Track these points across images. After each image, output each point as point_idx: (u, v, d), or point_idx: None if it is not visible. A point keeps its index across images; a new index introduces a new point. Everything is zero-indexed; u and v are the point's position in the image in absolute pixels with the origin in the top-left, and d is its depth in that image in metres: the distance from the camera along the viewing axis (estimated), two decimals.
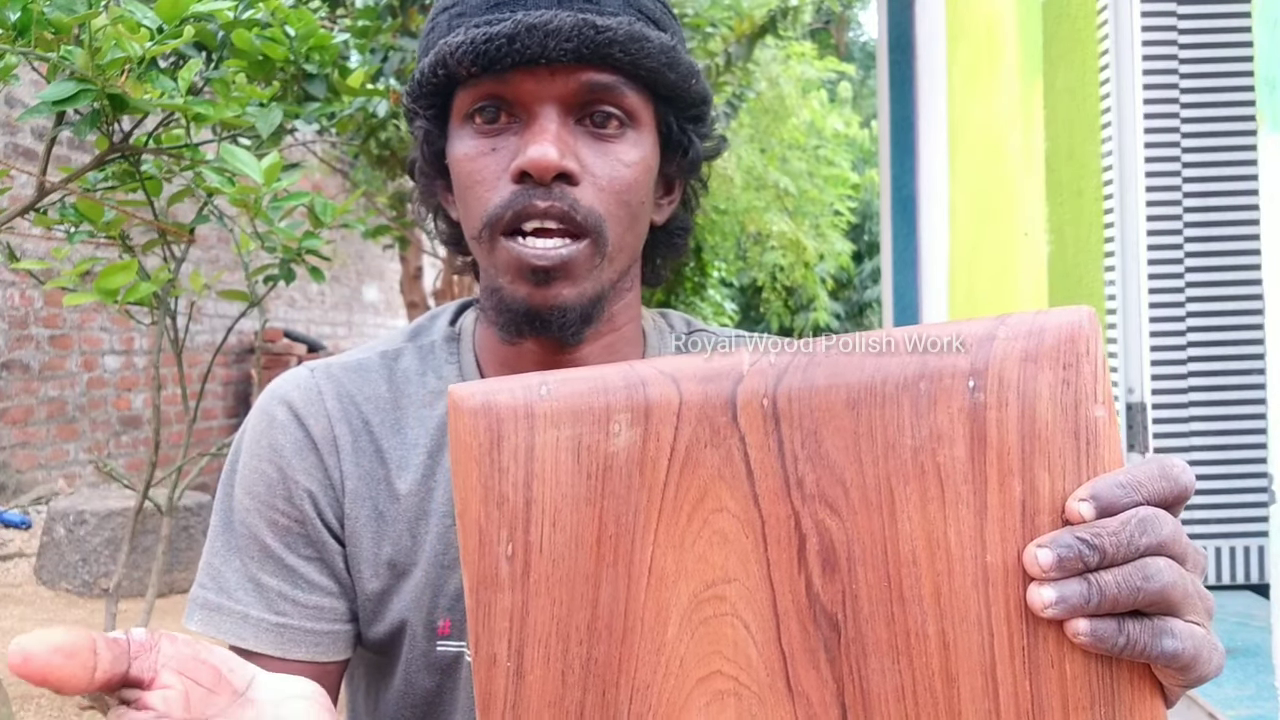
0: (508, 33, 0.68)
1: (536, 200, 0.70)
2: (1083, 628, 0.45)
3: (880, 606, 0.46)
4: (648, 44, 0.71)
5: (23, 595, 3.83)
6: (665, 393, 0.47)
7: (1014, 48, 2.62)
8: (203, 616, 0.77)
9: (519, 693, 0.47)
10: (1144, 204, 2.06)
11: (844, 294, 12.98)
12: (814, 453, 0.47)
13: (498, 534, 0.47)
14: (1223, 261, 2.07)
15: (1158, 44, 2.07)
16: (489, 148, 0.72)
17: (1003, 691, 0.46)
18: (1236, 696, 1.57)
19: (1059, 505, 0.46)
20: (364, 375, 0.81)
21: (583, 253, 0.71)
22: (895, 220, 4.06)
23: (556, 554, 0.47)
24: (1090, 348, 0.46)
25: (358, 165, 5.00)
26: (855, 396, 0.47)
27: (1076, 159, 2.28)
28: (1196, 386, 2.07)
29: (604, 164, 0.72)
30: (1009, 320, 0.47)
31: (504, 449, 0.47)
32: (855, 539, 0.46)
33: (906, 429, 0.46)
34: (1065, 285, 2.33)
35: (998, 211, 2.79)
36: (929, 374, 0.46)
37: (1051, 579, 0.45)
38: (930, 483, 0.46)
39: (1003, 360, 0.46)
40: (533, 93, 0.71)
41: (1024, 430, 0.46)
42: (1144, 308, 2.07)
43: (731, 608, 0.47)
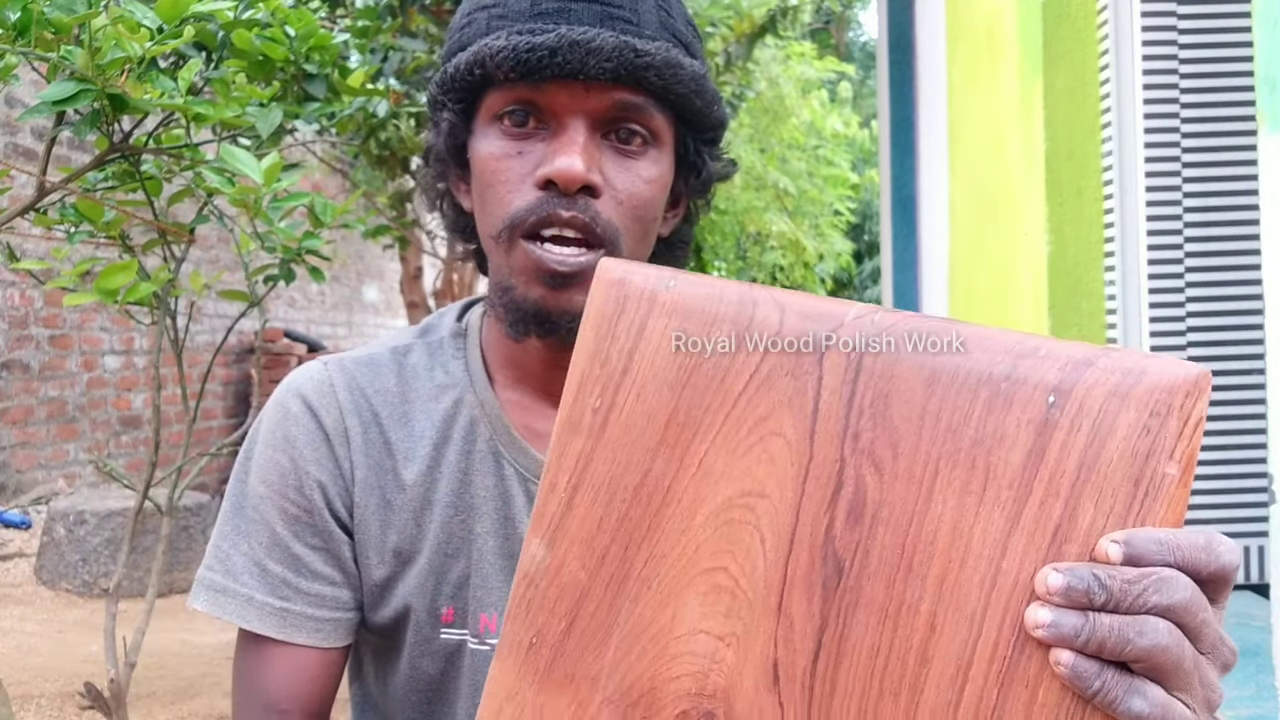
0: (550, 45, 0.71)
1: (560, 210, 0.72)
2: (1064, 658, 0.45)
3: (886, 569, 0.48)
4: (681, 71, 0.74)
5: (23, 595, 3.83)
6: (769, 316, 0.51)
7: (1014, 48, 2.62)
8: (208, 597, 0.80)
9: (562, 520, 0.54)
10: (1144, 204, 2.06)
11: (844, 294, 12.98)
12: (879, 413, 0.49)
13: (592, 388, 0.54)
14: (1223, 261, 2.07)
15: (1158, 44, 2.07)
16: (515, 150, 0.75)
17: (969, 689, 0.46)
18: (1236, 696, 1.57)
19: (1092, 541, 0.46)
20: (375, 369, 0.83)
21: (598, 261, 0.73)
22: (895, 220, 4.06)
23: (631, 421, 0.53)
24: (1186, 405, 0.45)
25: (358, 165, 5.00)
26: (936, 376, 0.48)
27: (1076, 159, 2.28)
28: None
29: (625, 179, 0.75)
30: (1114, 352, 0.47)
31: (621, 321, 0.54)
32: (886, 501, 0.48)
33: (973, 421, 0.47)
34: (1065, 285, 2.33)
35: (998, 211, 2.79)
36: (1014, 377, 0.47)
37: (1054, 604, 0.45)
38: (976, 476, 0.47)
39: (1090, 387, 0.46)
40: (565, 104, 0.73)
41: (1085, 460, 0.46)
42: (1144, 308, 2.07)
43: (755, 519, 0.50)
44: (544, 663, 0.53)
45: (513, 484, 0.81)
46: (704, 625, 0.51)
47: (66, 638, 3.38)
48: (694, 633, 0.51)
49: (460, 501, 0.81)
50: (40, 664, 3.09)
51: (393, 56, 3.81)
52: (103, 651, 1.98)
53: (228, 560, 0.80)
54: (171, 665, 3.19)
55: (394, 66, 3.82)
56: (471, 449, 0.81)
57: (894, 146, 4.04)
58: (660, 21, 0.76)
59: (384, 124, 3.90)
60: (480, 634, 0.80)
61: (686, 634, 0.51)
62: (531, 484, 0.81)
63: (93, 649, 3.19)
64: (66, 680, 2.94)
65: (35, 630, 3.45)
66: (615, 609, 0.53)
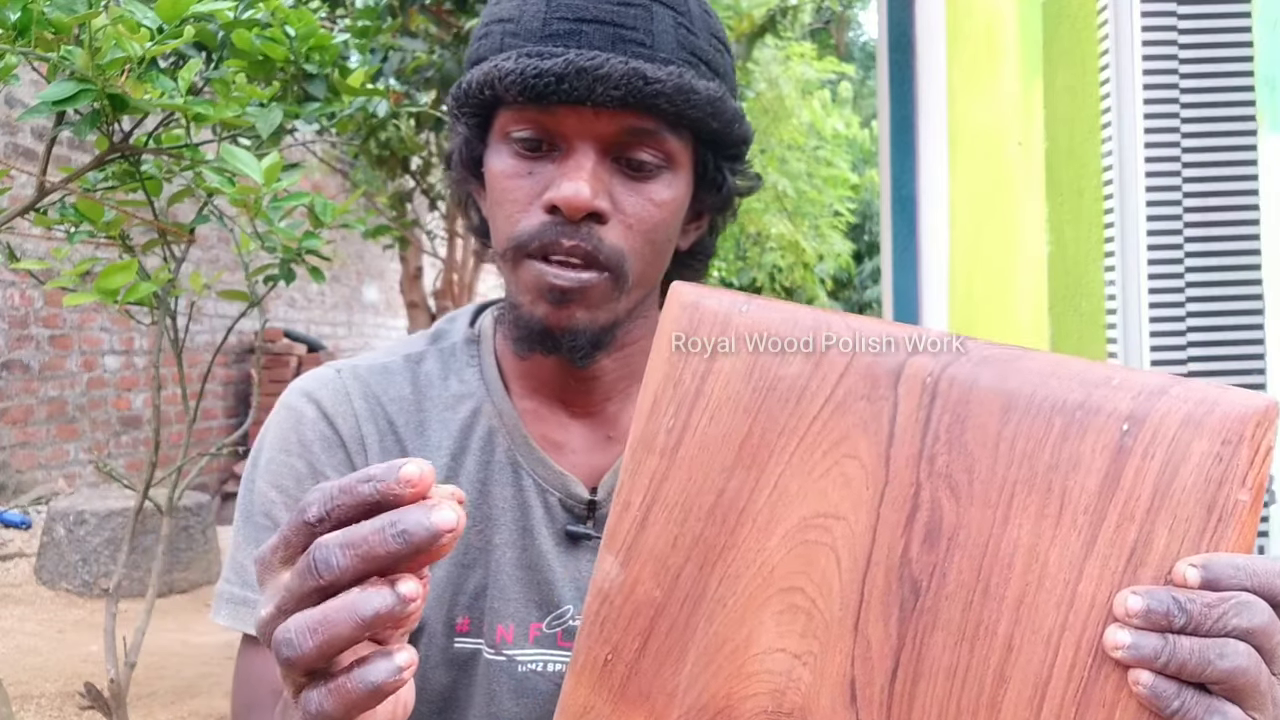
0: (557, 71, 0.70)
1: (563, 238, 0.72)
2: (1145, 679, 0.46)
3: (963, 591, 0.49)
4: (694, 96, 0.73)
5: (23, 595, 3.82)
6: (843, 342, 0.53)
7: (1014, 48, 2.62)
8: (230, 611, 0.79)
9: (636, 539, 0.54)
10: (1144, 204, 2.06)
11: (844, 294, 12.97)
12: (955, 438, 0.50)
13: (666, 407, 0.54)
14: (1223, 261, 2.07)
15: (1158, 44, 2.07)
16: (525, 170, 0.75)
17: (1047, 709, 0.47)
18: None
19: (1166, 565, 0.47)
20: (389, 377, 0.83)
21: (602, 283, 0.73)
22: (895, 220, 4.06)
23: (706, 441, 0.54)
24: (1257, 434, 0.47)
25: (358, 165, 5.00)
26: (1011, 402, 0.49)
27: (1076, 159, 2.28)
28: None
29: (635, 203, 0.74)
30: (1187, 382, 0.49)
31: (694, 343, 0.55)
32: (963, 525, 0.49)
33: (1048, 447, 0.49)
34: (1065, 285, 2.33)
35: (998, 211, 2.79)
36: (1089, 406, 0.48)
37: (1133, 625, 0.46)
38: (1052, 501, 0.48)
39: (1164, 415, 0.47)
40: (574, 129, 0.73)
41: (1159, 486, 0.47)
42: (1144, 308, 2.06)
43: (832, 540, 0.51)
44: (619, 679, 0.54)
45: (531, 495, 0.80)
46: (780, 644, 0.52)
47: (66, 638, 3.38)
48: (770, 651, 0.52)
49: (478, 512, 0.80)
50: (40, 664, 3.09)
51: (393, 56, 3.81)
52: (103, 651, 1.98)
53: (244, 570, 0.79)
54: (171, 665, 3.19)
55: (394, 66, 3.82)
56: (490, 460, 0.81)
57: (894, 146, 4.04)
58: (678, 41, 0.74)
59: (384, 124, 3.90)
60: (496, 644, 0.80)
61: (762, 652, 0.52)
62: (550, 495, 0.81)
63: (93, 649, 3.19)
64: (66, 680, 2.94)
65: (35, 630, 3.45)
66: (690, 627, 0.53)
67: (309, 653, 0.44)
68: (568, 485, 0.81)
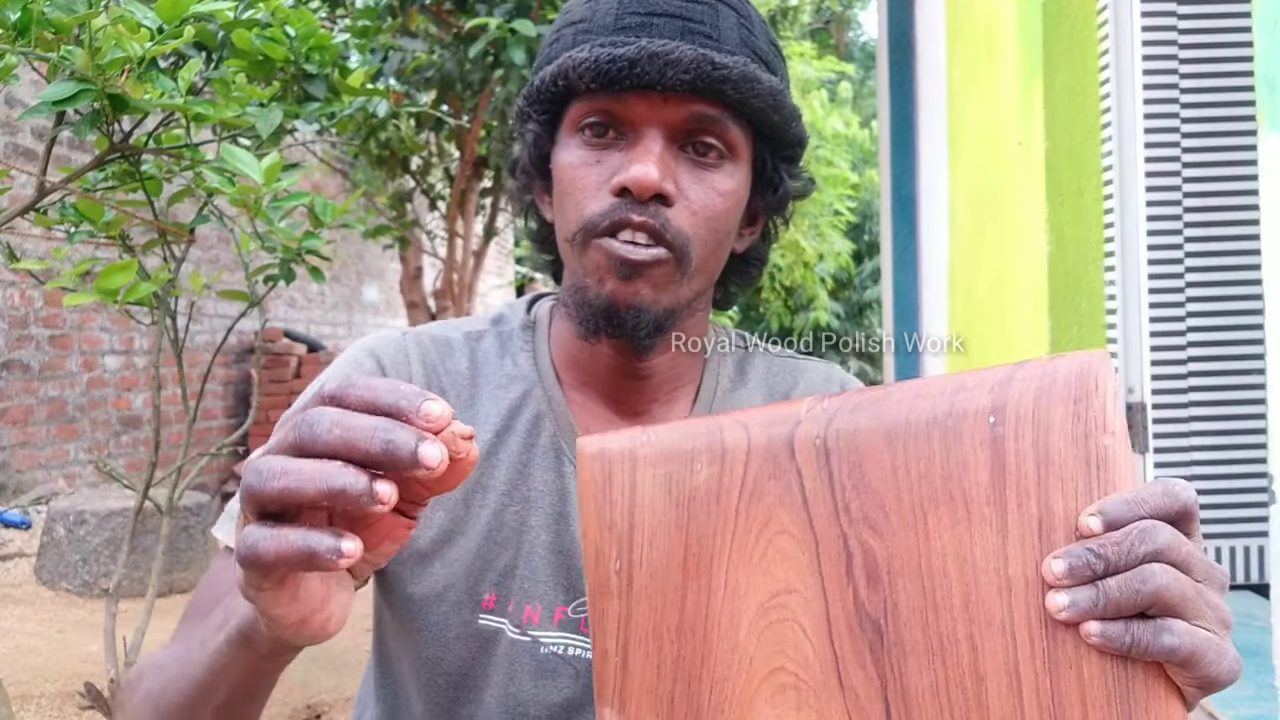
0: (630, 56, 0.73)
1: (632, 215, 0.74)
2: (1093, 629, 0.50)
3: (916, 613, 0.53)
4: (759, 85, 0.76)
5: (23, 595, 3.83)
6: (737, 437, 0.57)
7: (1014, 47, 2.62)
8: (229, 528, 0.81)
9: (624, 681, 0.57)
10: (1144, 204, 2.06)
11: (844, 294, 12.97)
12: (858, 482, 0.54)
13: (609, 552, 0.58)
14: (1223, 261, 2.07)
15: (1158, 44, 2.07)
16: (594, 159, 0.77)
17: (1025, 689, 0.51)
18: (1236, 696, 1.57)
19: (1072, 523, 0.52)
20: (449, 350, 0.86)
21: (668, 262, 0.76)
22: (895, 220, 4.06)
23: (653, 568, 0.57)
24: (1099, 384, 0.52)
25: (358, 165, 5.00)
26: (893, 434, 0.54)
27: (1076, 159, 2.28)
28: (1196, 386, 2.07)
29: (699, 190, 0.77)
30: (1026, 365, 0.54)
31: (614, 485, 0.58)
32: (894, 555, 0.54)
33: (936, 460, 0.53)
34: (1065, 285, 2.33)
35: (998, 211, 2.79)
36: (955, 412, 0.54)
37: (1065, 586, 0.51)
38: (958, 506, 0.53)
39: (1019, 398, 0.53)
40: (644, 115, 0.75)
41: (1039, 458, 0.52)
42: (1144, 308, 2.06)
43: (792, 614, 0.55)
44: None
45: (571, 482, 0.83)
46: None
47: (66, 638, 3.38)
48: None
49: (516, 492, 0.82)
50: (40, 664, 3.09)
51: (393, 56, 3.81)
52: (103, 651, 1.98)
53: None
54: None
55: (394, 66, 3.82)
56: (535, 443, 0.83)
57: (894, 146, 4.04)
58: (741, 38, 0.77)
59: (384, 124, 3.90)
60: (523, 624, 0.81)
61: None
62: None
63: (93, 649, 3.19)
64: (66, 680, 2.94)
65: (35, 630, 3.45)
66: None
67: (269, 490, 0.46)
68: None
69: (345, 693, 2.85)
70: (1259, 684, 1.59)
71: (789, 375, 0.91)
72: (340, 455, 0.46)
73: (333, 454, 0.46)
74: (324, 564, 0.46)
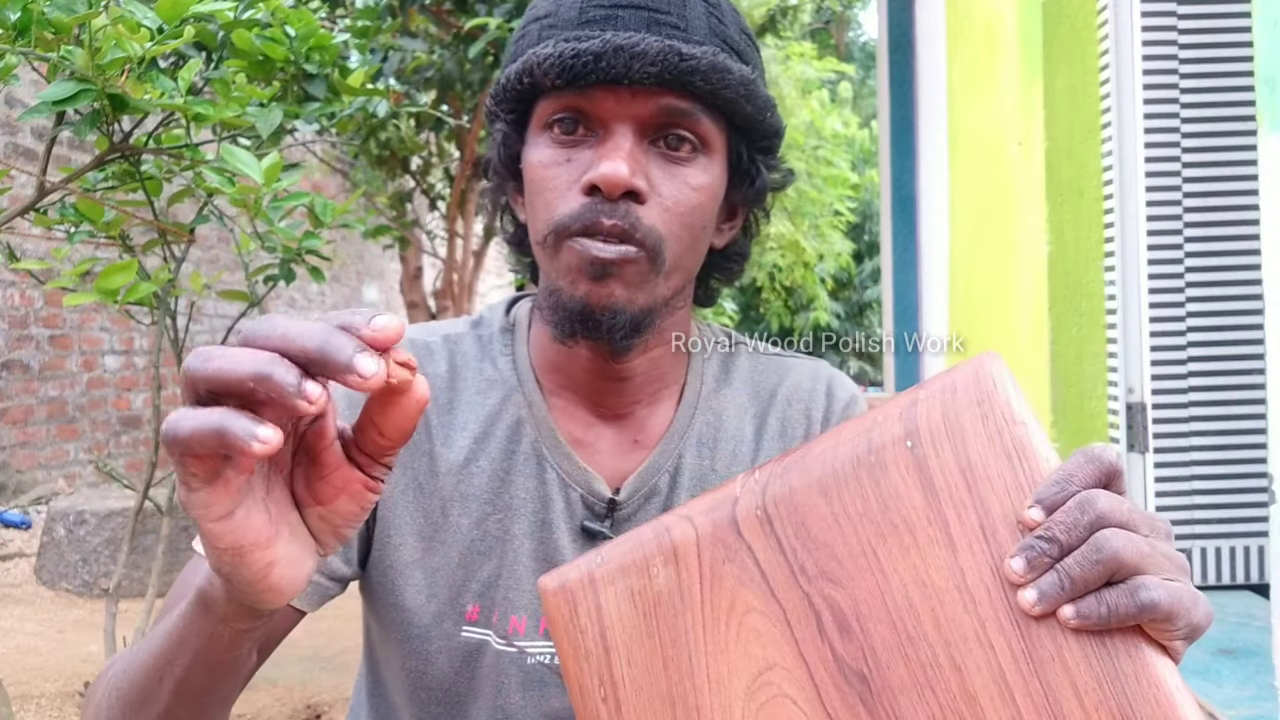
0: (595, 50, 0.71)
1: (602, 217, 0.72)
2: (1068, 612, 0.50)
3: (894, 651, 0.53)
4: (729, 75, 0.74)
5: (23, 595, 3.83)
6: (685, 531, 0.57)
7: (1014, 48, 2.62)
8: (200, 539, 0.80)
9: None
10: (1144, 204, 2.06)
11: (844, 294, 12.97)
12: (806, 540, 0.55)
13: (591, 683, 0.58)
14: (1223, 261, 2.07)
15: (1158, 44, 2.07)
16: (564, 158, 0.75)
17: (1018, 694, 0.51)
18: (1236, 696, 1.57)
19: (1011, 518, 0.53)
20: (428, 353, 0.84)
21: (640, 260, 0.74)
22: (895, 220, 4.06)
23: (637, 685, 0.57)
24: (996, 381, 0.54)
25: (358, 165, 5.00)
26: (825, 484, 0.55)
27: (1076, 159, 2.28)
28: (1196, 386, 2.07)
29: (672, 186, 0.75)
30: (926, 384, 0.56)
31: (580, 613, 0.59)
32: (859, 601, 0.54)
33: (871, 497, 0.54)
34: (1065, 285, 2.33)
35: (998, 211, 2.79)
36: (874, 447, 0.55)
37: (1030, 580, 0.51)
38: (904, 534, 0.54)
39: (928, 416, 0.54)
40: (612, 110, 0.73)
41: (962, 466, 0.53)
42: (1144, 308, 2.06)
43: (779, 689, 0.55)
44: None
45: (553, 488, 0.81)
46: None
47: (66, 638, 3.38)
48: None
49: (498, 500, 0.81)
50: (40, 664, 3.09)
51: (393, 56, 3.81)
52: (103, 651, 1.98)
53: None
54: None
55: (394, 66, 3.82)
56: (515, 450, 0.82)
57: (894, 146, 4.04)
58: (710, 28, 0.75)
59: (384, 124, 3.90)
60: (508, 635, 0.80)
61: None
62: (572, 490, 0.81)
63: (93, 649, 3.19)
64: (66, 680, 2.94)
65: (35, 630, 3.45)
66: None
67: (202, 371, 0.46)
68: (591, 482, 0.82)
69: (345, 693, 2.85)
70: (1259, 684, 1.59)
71: (774, 374, 0.90)
72: (283, 352, 0.46)
73: (277, 351, 0.46)
74: (239, 445, 0.44)
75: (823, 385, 0.90)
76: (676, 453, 0.84)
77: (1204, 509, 2.05)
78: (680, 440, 0.84)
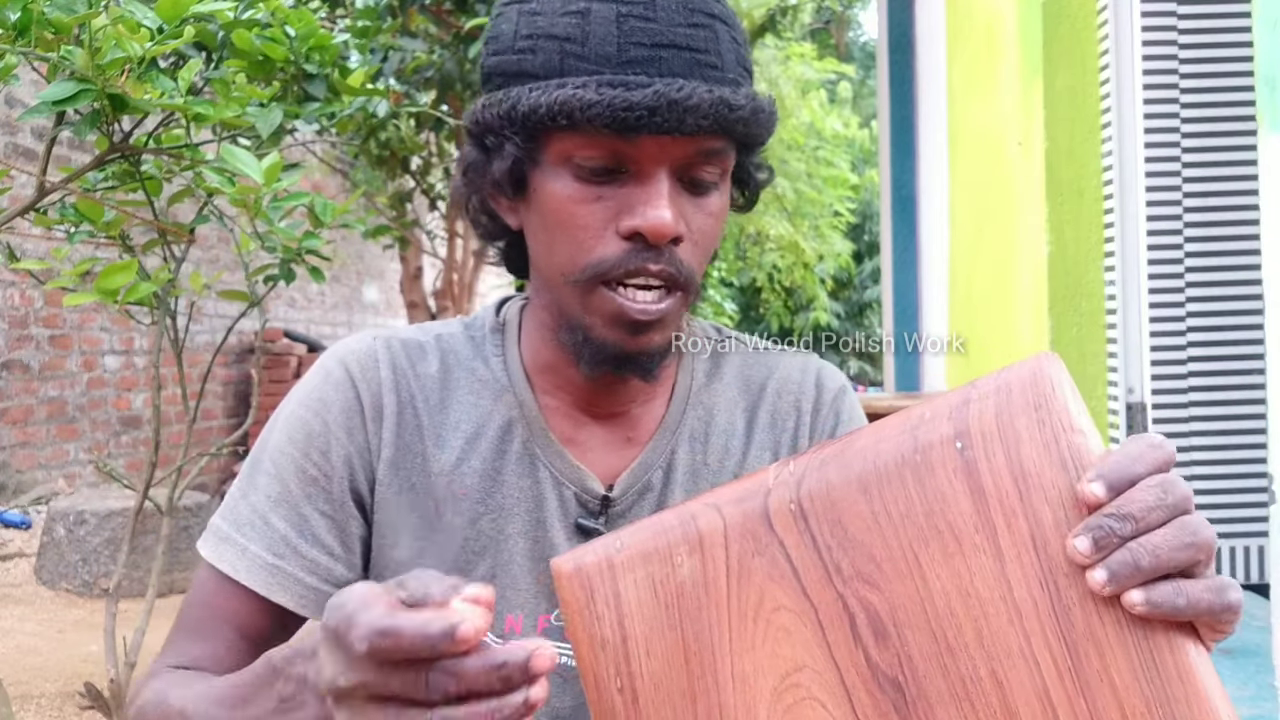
0: (649, 104, 0.69)
1: (649, 263, 0.72)
2: (1137, 597, 0.48)
3: (933, 661, 0.51)
4: (762, 115, 0.75)
5: (23, 595, 3.82)
6: (712, 521, 0.55)
7: (1014, 48, 2.62)
8: (213, 544, 0.80)
9: None
10: (1144, 204, 2.06)
11: (844, 294, 12.97)
12: (843, 539, 0.52)
13: (606, 673, 0.55)
14: (1223, 261, 2.07)
15: (1158, 44, 2.07)
16: (594, 195, 0.73)
17: (1062, 713, 0.49)
18: (1236, 696, 1.57)
19: (1064, 531, 0.49)
20: (421, 353, 0.84)
21: (678, 305, 0.75)
22: (895, 220, 4.06)
23: (656, 678, 0.55)
24: (1055, 385, 0.51)
25: (358, 165, 5.00)
26: (865, 482, 0.52)
27: (1076, 159, 2.28)
28: (1196, 386, 2.07)
29: (699, 219, 0.75)
30: (978, 383, 0.53)
31: (597, 600, 0.56)
32: (896, 606, 0.52)
33: (915, 499, 0.52)
34: (1065, 285, 2.33)
35: (998, 211, 2.79)
36: (921, 447, 0.52)
37: (1098, 560, 0.48)
38: (948, 540, 0.51)
39: (980, 417, 0.51)
40: (654, 156, 0.72)
41: (1014, 473, 0.50)
42: (1144, 308, 2.06)
43: (808, 692, 0.53)
44: None
45: (546, 487, 0.81)
46: None
47: (66, 638, 3.38)
48: None
49: (491, 500, 0.81)
50: (40, 664, 3.09)
51: (393, 56, 3.81)
52: (103, 651, 1.98)
53: (235, 510, 0.81)
54: None
55: (394, 66, 3.82)
56: (506, 449, 0.82)
57: (894, 146, 4.05)
58: (736, 57, 0.75)
59: (384, 124, 3.90)
60: (505, 634, 0.80)
61: None
62: (566, 489, 0.81)
63: (93, 649, 3.19)
64: (66, 680, 2.94)
65: (35, 630, 3.45)
66: None
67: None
68: (584, 480, 0.82)
69: None
70: (1259, 684, 1.59)
71: (763, 367, 0.90)
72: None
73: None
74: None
75: (812, 377, 0.89)
76: (669, 448, 0.84)
77: (1204, 509, 2.05)
78: (673, 436, 0.84)
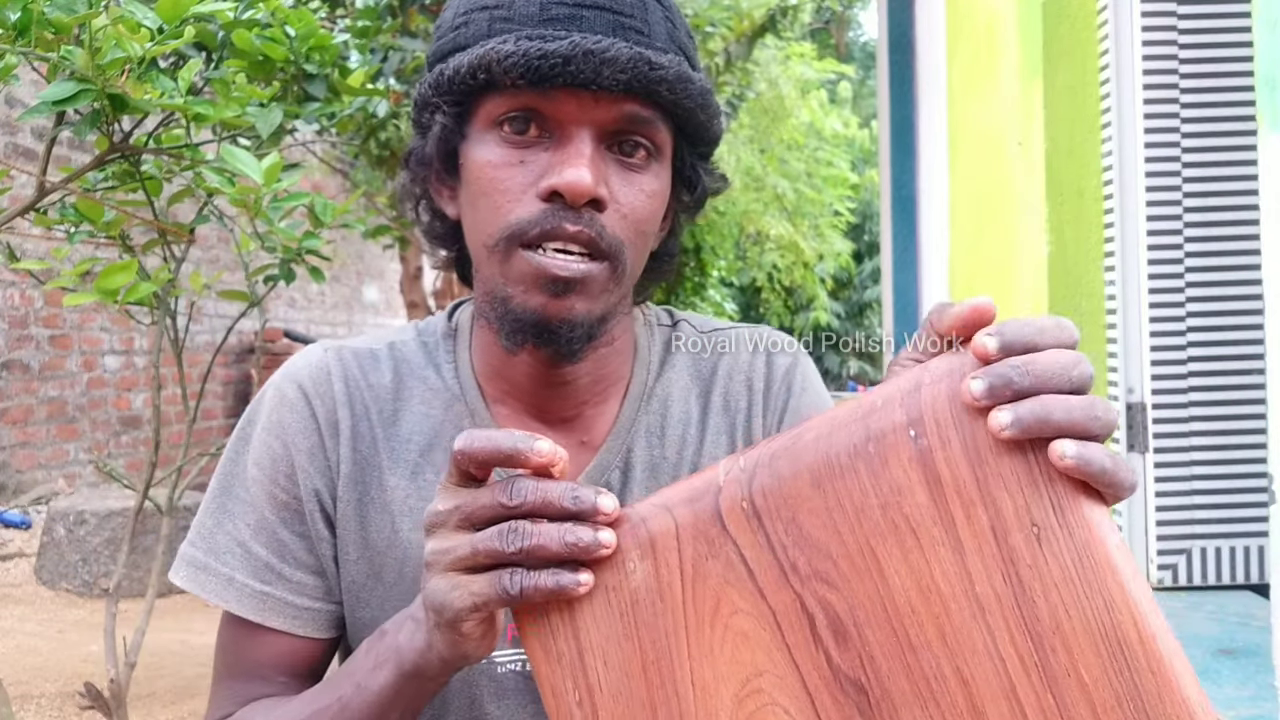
0: (564, 53, 0.68)
1: (566, 223, 0.70)
2: (1068, 449, 0.46)
3: (896, 660, 0.49)
4: (690, 85, 0.73)
5: (23, 595, 3.82)
6: (663, 523, 0.53)
7: (1014, 48, 2.62)
8: (189, 574, 0.80)
9: None
10: (1144, 204, 2.06)
11: (844, 294, 12.98)
12: (797, 537, 0.50)
13: (564, 685, 0.54)
14: (1223, 261, 2.07)
15: (1158, 44, 2.07)
16: (516, 159, 0.72)
17: (1029, 710, 0.47)
18: (1236, 696, 1.57)
19: (1025, 521, 0.47)
20: (373, 363, 0.83)
21: (602, 272, 0.72)
22: (895, 220, 4.06)
23: (614, 689, 0.53)
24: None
25: (358, 165, 5.00)
26: (818, 475, 0.50)
27: (1076, 159, 2.28)
28: (1196, 386, 2.07)
29: (629, 193, 0.73)
30: (930, 366, 0.50)
31: (551, 611, 0.54)
32: (856, 605, 0.49)
33: (869, 491, 0.49)
34: (1065, 285, 2.33)
35: (998, 211, 2.79)
36: (873, 435, 0.49)
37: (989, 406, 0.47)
38: (905, 534, 0.49)
39: (933, 402, 0.48)
40: (573, 114, 0.71)
41: (971, 460, 0.48)
42: (1144, 308, 2.06)
43: (770, 697, 0.51)
44: None
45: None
46: None
47: (66, 638, 3.38)
48: None
49: None
50: (40, 664, 3.09)
51: (393, 56, 3.81)
52: (103, 651, 1.98)
53: (212, 538, 0.80)
54: (171, 665, 3.19)
55: (394, 66, 3.82)
56: None
57: (894, 146, 4.04)
58: (668, 33, 0.74)
59: (384, 124, 3.89)
60: None
61: None
62: None
63: (93, 649, 3.19)
64: (66, 680, 2.94)
65: (35, 630, 3.45)
66: None
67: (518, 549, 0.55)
68: None
69: None
70: (1259, 684, 1.59)
71: (714, 349, 0.87)
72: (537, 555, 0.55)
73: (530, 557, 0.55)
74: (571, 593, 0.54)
75: (762, 356, 0.87)
76: (625, 447, 0.82)
77: (1204, 509, 2.05)
78: (628, 434, 0.83)
